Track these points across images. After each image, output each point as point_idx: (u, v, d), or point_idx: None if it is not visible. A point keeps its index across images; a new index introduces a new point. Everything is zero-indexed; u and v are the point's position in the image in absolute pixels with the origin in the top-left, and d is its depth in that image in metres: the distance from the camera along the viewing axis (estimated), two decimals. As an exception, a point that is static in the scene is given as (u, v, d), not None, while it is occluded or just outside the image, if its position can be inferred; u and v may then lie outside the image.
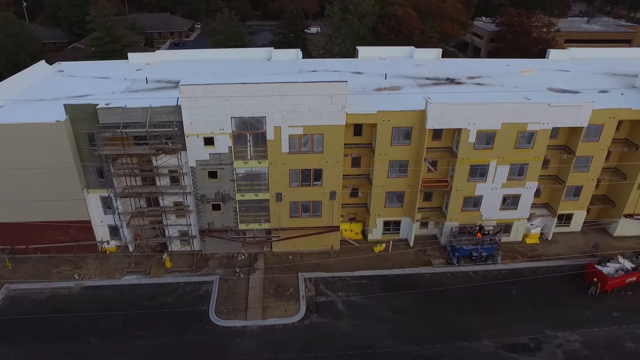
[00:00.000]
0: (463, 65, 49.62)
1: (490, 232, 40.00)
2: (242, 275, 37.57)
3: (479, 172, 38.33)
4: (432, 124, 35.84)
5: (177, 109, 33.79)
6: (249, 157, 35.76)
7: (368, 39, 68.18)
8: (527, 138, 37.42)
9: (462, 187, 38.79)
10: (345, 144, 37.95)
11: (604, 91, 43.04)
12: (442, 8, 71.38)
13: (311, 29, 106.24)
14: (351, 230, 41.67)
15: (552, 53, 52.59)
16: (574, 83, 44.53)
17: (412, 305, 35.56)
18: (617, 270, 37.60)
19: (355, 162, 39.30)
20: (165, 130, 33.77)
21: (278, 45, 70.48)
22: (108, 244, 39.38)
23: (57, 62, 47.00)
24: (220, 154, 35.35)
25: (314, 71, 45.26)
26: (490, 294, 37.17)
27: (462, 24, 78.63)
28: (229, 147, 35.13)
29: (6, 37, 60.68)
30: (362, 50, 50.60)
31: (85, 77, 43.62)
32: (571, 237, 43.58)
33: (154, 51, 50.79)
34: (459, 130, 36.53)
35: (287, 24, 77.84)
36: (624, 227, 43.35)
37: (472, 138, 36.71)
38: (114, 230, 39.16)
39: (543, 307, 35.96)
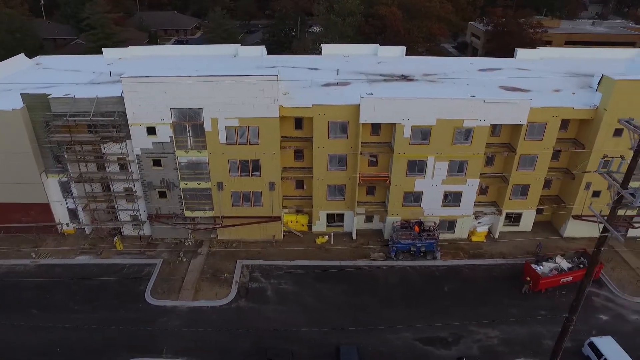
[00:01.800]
0: (424, 63, 49.65)
1: (431, 228, 40.24)
2: (184, 260, 39.47)
3: (417, 167, 38.69)
4: (365, 118, 36.54)
5: (121, 99, 35.98)
6: (189, 147, 37.60)
7: (354, 39, 68.86)
8: (465, 134, 37.48)
9: (400, 182, 39.22)
10: (286, 137, 39.50)
11: (557, 90, 42.43)
12: (429, 8, 71.02)
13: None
14: (297, 222, 42.81)
15: (520, 52, 51.79)
16: (529, 82, 43.98)
17: (340, 296, 36.35)
18: (551, 270, 37.17)
19: (298, 154, 40.51)
20: (108, 120, 36.09)
21: (268, 44, 72.17)
22: (68, 226, 42.24)
23: (38, 56, 50.52)
24: (162, 143, 37.32)
25: (273, 67, 46.57)
26: (422, 289, 37.47)
27: (452, 24, 77.85)
28: (170, 137, 37.03)
29: (7, 33, 65.51)
30: (326, 48, 51.58)
31: (58, 70, 46.73)
32: (520, 236, 42.99)
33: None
34: (395, 125, 37.18)
35: (276, 24, 79.47)
36: (573, 228, 42.48)
37: (407, 133, 37.14)
38: (73, 214, 41.98)
39: (472, 303, 35.96)
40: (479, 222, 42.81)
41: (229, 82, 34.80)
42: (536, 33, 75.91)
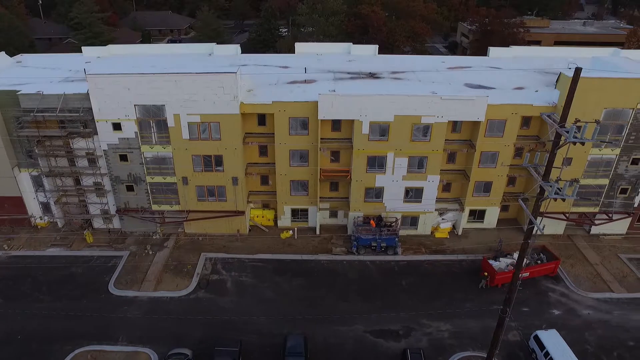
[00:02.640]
0: (395, 61, 50.15)
1: (392, 223, 40.77)
2: (150, 252, 40.48)
3: (377, 163, 39.31)
4: (323, 114, 37.24)
5: (87, 96, 37.09)
6: (154, 142, 38.60)
7: (337, 37, 69.53)
8: (423, 131, 38.00)
9: (361, 177, 39.85)
10: (250, 133, 40.35)
11: (521, 88, 42.71)
12: (412, 7, 71.34)
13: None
14: (263, 217, 43.63)
15: (492, 51, 52.13)
16: (497, 80, 44.41)
17: (298, 289, 37.09)
18: (507, 266, 37.50)
19: (263, 150, 41.30)
20: (75, 115, 37.24)
21: (253, 43, 73.22)
22: (41, 219, 43.53)
23: (20, 55, 51.98)
24: (128, 138, 38.37)
25: (244, 65, 47.58)
26: (380, 283, 38.05)
27: (437, 23, 78.05)
28: (135, 133, 38.07)
29: (-5, 32, 67.60)
30: (300, 46, 52.34)
31: (37, 68, 47.96)
32: (483, 233, 43.41)
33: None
34: (353, 121, 37.81)
35: (262, 23, 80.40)
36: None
37: (365, 129, 37.78)
38: (46, 207, 43.24)
39: (427, 298, 36.48)
40: (442, 219, 43.27)
41: (189, 79, 35.75)
42: (518, 33, 75.86)
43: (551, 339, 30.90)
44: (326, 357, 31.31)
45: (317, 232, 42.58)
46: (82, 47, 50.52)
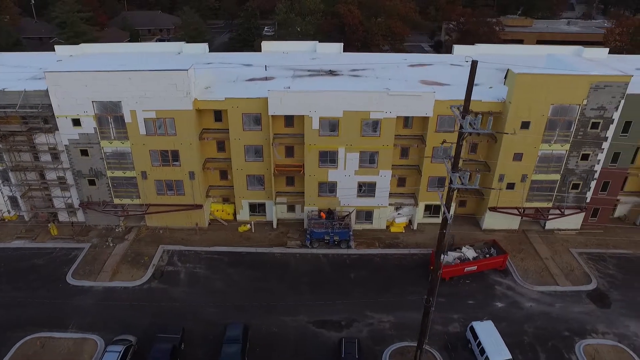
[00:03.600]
0: (358, 59, 50.83)
1: (344, 217, 41.59)
2: (111, 244, 41.67)
3: (328, 158, 40.18)
4: (273, 110, 38.19)
5: (47, 92, 38.37)
6: (112, 138, 39.76)
7: (314, 37, 70.26)
8: (372, 126, 38.82)
9: (314, 172, 40.72)
10: (207, 129, 41.41)
11: (475, 84, 43.20)
12: (389, 7, 71.84)
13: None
14: (223, 211, 44.67)
15: (457, 49, 52.74)
16: (454, 77, 45.08)
17: (248, 281, 38.08)
18: (454, 259, 38.14)
19: (221, 146, 42.29)
20: (34, 112, 38.51)
21: (233, 42, 74.27)
22: (9, 212, 44.92)
23: (-6, 53, 53.61)
24: (87, 134, 39.58)
25: (209, 63, 48.67)
26: (330, 276, 38.91)
27: (415, 23, 78.49)
28: (94, 128, 39.26)
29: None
30: (266, 45, 53.30)
31: (7, 66, 49.44)
32: (438, 228, 44.04)
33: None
34: (303, 117, 38.70)
35: (242, 22, 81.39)
36: (491, 220, 43.33)
37: (315, 125, 38.67)
38: (13, 201, 44.61)
39: (374, 290, 37.24)
40: (398, 214, 44.02)
41: (141, 76, 36.90)
42: (493, 31, 76.20)
43: (485, 329, 31.60)
44: (266, 346, 32.29)
45: (275, 225, 43.56)
46: (55, 46, 51.93)
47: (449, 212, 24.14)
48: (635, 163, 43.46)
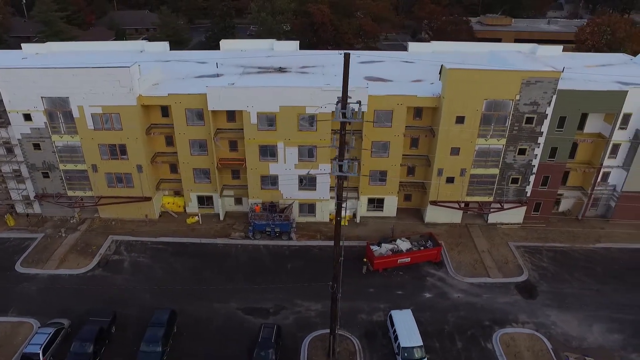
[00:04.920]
0: (311, 56, 51.79)
1: (284, 209, 42.71)
2: (63, 235, 43.40)
3: (268, 152, 41.39)
4: (212, 105, 39.53)
5: (-1, 88, 40.26)
6: (63, 132, 41.46)
7: (285, 35, 71.54)
8: (309, 121, 39.92)
9: (255, 166, 41.97)
10: (155, 124, 42.89)
11: (418, 80, 44.16)
12: (360, 5, 72.63)
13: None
14: (174, 203, 46.14)
15: (411, 46, 53.60)
16: (400, 73, 46.06)
17: (188, 270, 39.43)
18: (387, 251, 39.02)
19: (169, 140, 43.74)
20: (-16, 107, 40.40)
21: (209, 41, 75.84)
22: (-29, 204, 47.02)
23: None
24: (39, 128, 41.29)
25: (167, 61, 50.23)
26: (267, 266, 40.12)
27: (390, 21, 79.15)
28: (45, 123, 40.96)
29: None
30: (225, 43, 54.71)
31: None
32: (383, 221, 45.02)
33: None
34: (242, 112, 39.96)
35: (216, 22, 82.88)
36: (433, 214, 44.15)
37: (253, 119, 39.90)
38: (-25, 192, 46.69)
39: (308, 280, 38.12)
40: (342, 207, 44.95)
41: (87, 72, 38.49)
42: (468, 30, 76.68)
43: (402, 317, 32.52)
44: (193, 330, 33.62)
45: (221, 217, 44.95)
46: (22, 44, 53.93)
47: (341, 200, 25.22)
48: (576, 158, 44.13)
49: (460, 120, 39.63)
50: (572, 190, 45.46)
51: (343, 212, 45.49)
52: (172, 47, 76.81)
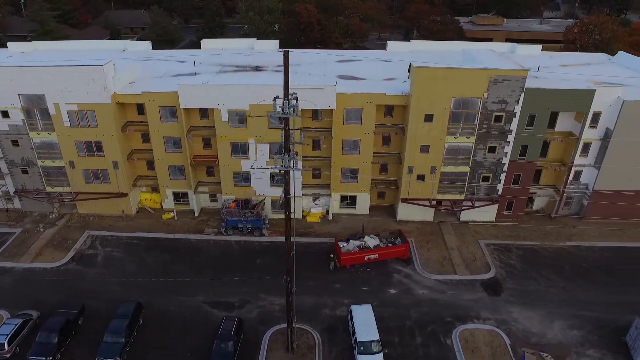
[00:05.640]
0: (292, 55, 52.28)
1: (255, 205, 43.27)
2: (41, 230, 44.34)
3: (240, 149, 41.99)
4: (184, 103, 40.21)
5: (-24, 86, 41.23)
6: (40, 129, 42.37)
7: (274, 35, 72.14)
8: (279, 119, 40.28)
9: (228, 163, 42.59)
10: (132, 122, 43.67)
11: (391, 78, 44.52)
12: (347, 5, 73.05)
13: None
14: (151, 200, 46.89)
15: (390, 45, 53.93)
16: (375, 71, 46.52)
17: (159, 264, 40.15)
18: (354, 248, 39.43)
19: (146, 137, 44.46)
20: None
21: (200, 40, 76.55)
22: (-46, 200, 48.15)
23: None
24: (16, 125, 42.20)
25: (148, 60, 51.06)
26: (237, 261, 40.71)
27: (378, 21, 79.43)
28: (23, 120, 41.88)
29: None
30: (206, 42, 55.46)
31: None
32: (355, 218, 45.45)
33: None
34: (213, 109, 40.62)
35: (207, 21, 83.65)
36: (405, 211, 44.49)
37: (225, 117, 40.52)
38: (-41, 188, 47.80)
39: (275, 275, 38.54)
40: (315, 204, 45.53)
41: (62, 71, 39.35)
42: (449, 30, 76.91)
43: (361, 312, 32.90)
44: (159, 322, 34.25)
45: (196, 214, 45.65)
46: (7, 43, 55.10)
47: (289, 195, 25.75)
48: (548, 157, 44.26)
49: (429, 118, 39.96)
50: (545, 189, 45.59)
51: (316, 210, 46.32)
52: (163, 46, 78.19)
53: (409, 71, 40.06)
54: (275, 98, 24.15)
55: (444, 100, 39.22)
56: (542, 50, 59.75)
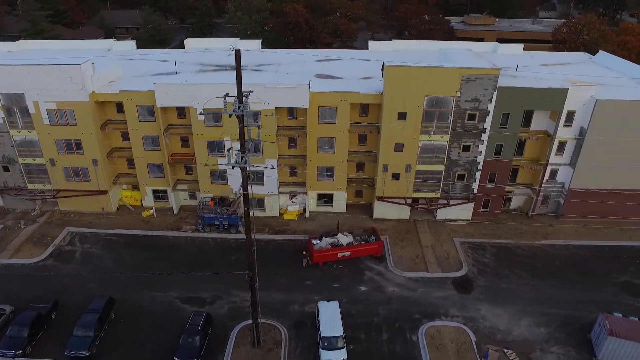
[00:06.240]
0: (270, 55, 52.82)
1: (230, 203, 43.70)
2: (22, 226, 45.01)
3: (216, 147, 42.44)
4: (161, 102, 40.72)
5: (-42, 85, 41.98)
6: (20, 127, 43.05)
7: (263, 35, 72.60)
8: (253, 117, 40.86)
9: (204, 160, 43.04)
10: (112, 120, 44.24)
11: (368, 77, 44.80)
12: (335, 5, 73.35)
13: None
14: (131, 197, 47.47)
15: (372, 44, 54.21)
16: (352, 70, 46.89)
17: (136, 260, 40.63)
18: (327, 245, 39.72)
19: (125, 136, 45.03)
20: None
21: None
22: (-59, 196, 48.97)
23: None
24: (-3, 123, 43.15)
25: (130, 59, 51.70)
26: (212, 258, 41.14)
27: (369, 21, 79.62)
28: (2, 118, 42.59)
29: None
30: (189, 42, 56.04)
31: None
32: (332, 216, 45.73)
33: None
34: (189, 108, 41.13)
35: (198, 21, 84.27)
36: (381, 210, 44.77)
37: (200, 115, 40.98)
38: (-56, 185, 48.60)
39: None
40: (292, 202, 45.88)
41: (40, 70, 39.97)
42: (434, 30, 77.05)
43: (327, 308, 33.22)
44: (130, 318, 34.75)
45: (175, 211, 46.19)
46: (-3, 43, 56.09)
47: (247, 191, 26.17)
48: (524, 155, 44.35)
49: (402, 116, 40.21)
50: (522, 188, 45.69)
51: (293, 207, 46.66)
52: (155, 46, 78.82)
53: (382, 70, 40.36)
54: (225, 96, 24.45)
55: (417, 99, 39.46)
56: (533, 50, 60.09)
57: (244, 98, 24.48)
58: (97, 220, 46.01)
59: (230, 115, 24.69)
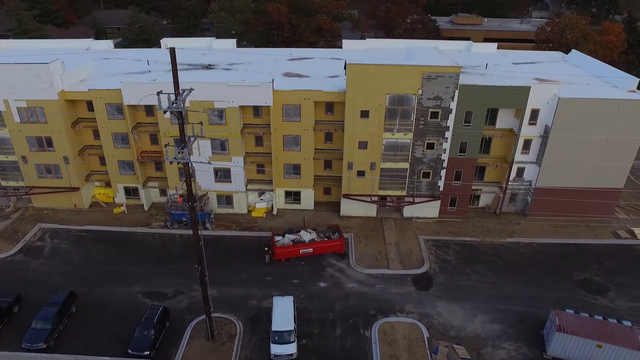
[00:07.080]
0: (242, 54, 53.22)
1: (197, 199, 44.18)
2: (-5, 223, 46.04)
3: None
4: (128, 100, 41.35)
5: None
6: (-8, 125, 44.05)
7: (245, 34, 73.15)
8: (218, 115, 41.37)
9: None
10: (83, 118, 44.96)
11: (335, 76, 45.14)
12: (318, 5, 73.65)
13: None
14: (104, 194, 48.16)
15: (346, 43, 54.51)
16: (320, 69, 47.34)
17: (103, 255, 41.25)
18: (289, 241, 40.09)
19: (97, 134, 45.74)
20: None
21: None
22: None
23: None
24: (-32, 121, 43.98)
25: (107, 59, 52.45)
26: (177, 253, 41.63)
27: (352, 21, 79.94)
28: (-26, 116, 43.61)
29: None
30: (166, 41, 56.57)
31: None
32: (299, 214, 46.09)
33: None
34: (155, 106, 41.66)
35: (184, 20, 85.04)
36: (348, 207, 45.09)
37: (167, 114, 41.49)
38: None
39: (211, 267, 39.11)
40: (260, 199, 46.34)
41: (8, 68, 40.73)
42: (417, 29, 77.20)
43: (281, 303, 33.63)
44: (92, 311, 35.34)
45: (146, 208, 46.80)
46: (-25, 43, 57.03)
47: (190, 186, 26.64)
48: (491, 153, 44.46)
49: (364, 114, 40.53)
50: (490, 186, 45.82)
51: (261, 205, 47.05)
52: (141, 45, 79.65)
53: (344, 68, 40.70)
54: (159, 93, 24.97)
55: (379, 97, 39.76)
56: (519, 49, 60.06)
57: (180, 95, 24.81)
58: (69, 216, 46.75)
59: (165, 112, 24.82)
